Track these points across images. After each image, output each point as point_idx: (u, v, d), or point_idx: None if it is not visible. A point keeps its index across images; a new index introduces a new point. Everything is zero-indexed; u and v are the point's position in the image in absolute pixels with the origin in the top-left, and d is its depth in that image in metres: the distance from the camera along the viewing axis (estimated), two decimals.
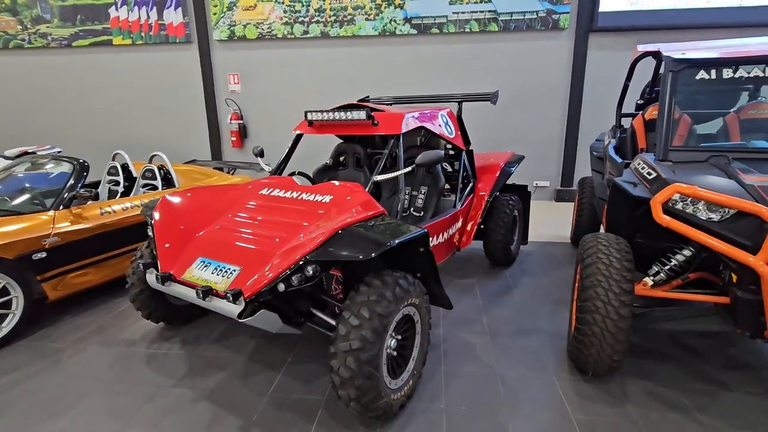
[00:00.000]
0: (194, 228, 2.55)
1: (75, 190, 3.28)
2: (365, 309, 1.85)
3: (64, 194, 3.24)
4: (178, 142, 7.75)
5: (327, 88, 7.17)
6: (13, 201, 3.24)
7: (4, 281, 2.77)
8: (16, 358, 2.66)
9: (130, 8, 7.27)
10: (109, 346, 2.79)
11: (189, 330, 2.97)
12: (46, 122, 8.02)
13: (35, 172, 3.60)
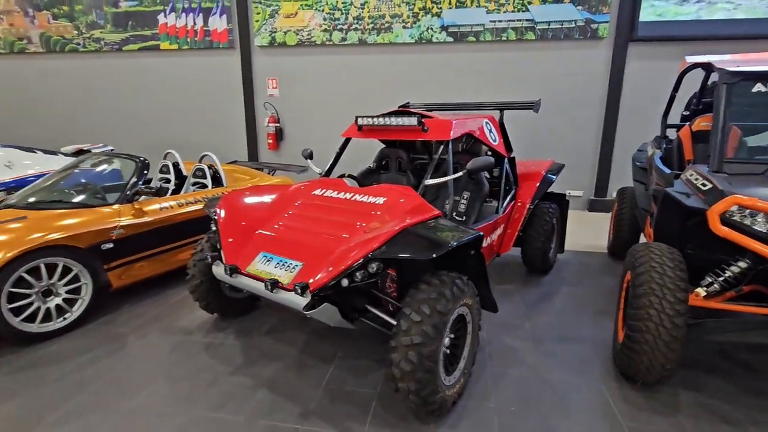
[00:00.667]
0: (254, 224, 2.70)
1: (138, 186, 3.50)
2: (426, 306, 1.94)
3: (128, 190, 3.45)
4: (218, 143, 8.05)
5: (363, 94, 7.33)
6: (82, 195, 3.48)
7: (76, 269, 2.99)
8: (86, 340, 2.86)
9: (178, 15, 7.63)
10: (168, 333, 2.96)
11: (241, 322, 3.12)
12: (97, 121, 8.47)
13: (99, 168, 3.86)
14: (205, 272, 2.89)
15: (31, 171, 4.94)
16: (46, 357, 2.66)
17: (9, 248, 2.65)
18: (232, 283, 2.40)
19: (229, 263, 2.44)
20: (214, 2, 7.49)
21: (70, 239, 2.93)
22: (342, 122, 7.46)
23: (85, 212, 3.17)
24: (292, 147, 7.85)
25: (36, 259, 2.76)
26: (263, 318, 3.18)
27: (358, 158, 5.95)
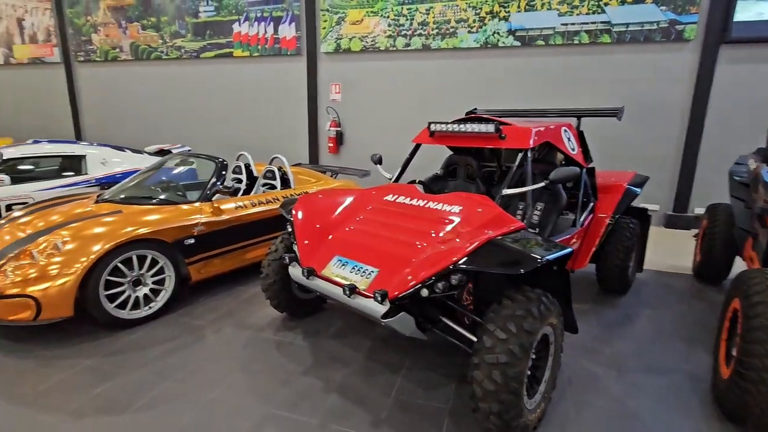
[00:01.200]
0: (328, 227, 2.74)
1: (217, 186, 3.69)
2: (512, 323, 1.84)
3: (208, 189, 3.65)
4: (282, 146, 8.37)
5: (424, 100, 7.30)
6: (168, 193, 3.72)
7: (162, 261, 3.20)
8: (167, 329, 3.04)
9: (251, 24, 8.05)
10: (241, 329, 3.07)
11: (309, 323, 3.17)
12: (176, 123, 9.14)
13: (183, 168, 4.12)
14: (279, 272, 2.97)
15: (119, 168, 5.39)
16: (134, 343, 2.85)
17: (108, 239, 2.88)
18: (308, 286, 2.44)
19: (305, 265, 2.48)
20: (284, 11, 7.82)
21: (158, 233, 3.14)
22: (403, 127, 7.47)
23: (171, 209, 3.38)
24: (352, 151, 7.97)
25: (129, 251, 2.98)
26: (329, 320, 3.21)
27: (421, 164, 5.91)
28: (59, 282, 2.71)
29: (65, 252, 2.78)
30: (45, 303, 2.69)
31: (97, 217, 3.13)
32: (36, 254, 2.79)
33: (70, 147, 5.16)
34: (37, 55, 9.98)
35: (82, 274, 2.76)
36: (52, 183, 4.80)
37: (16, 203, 4.52)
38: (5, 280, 2.71)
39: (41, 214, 3.36)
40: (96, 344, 2.83)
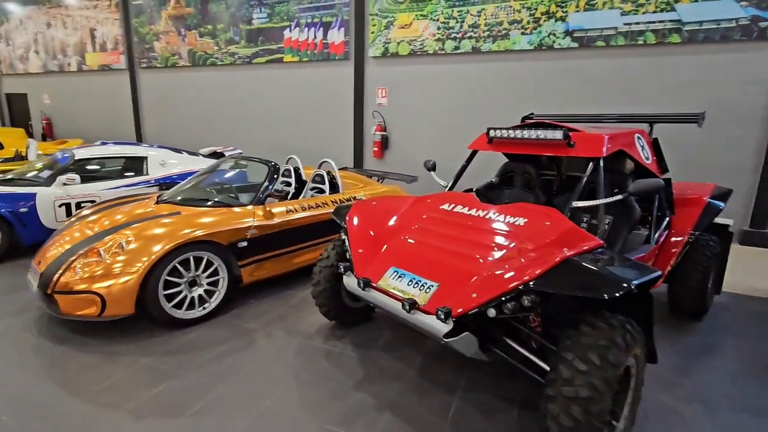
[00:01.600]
0: (382, 236, 2.65)
1: (269, 189, 3.72)
2: (594, 354, 1.66)
3: (261, 192, 3.68)
4: (327, 149, 8.46)
5: (473, 104, 7.10)
6: (223, 195, 3.80)
7: (217, 263, 3.24)
8: (220, 331, 3.07)
9: (302, 29, 8.20)
10: (291, 335, 3.05)
11: (357, 333, 3.09)
12: (229, 126, 9.49)
13: (236, 171, 4.20)
14: (330, 279, 2.92)
15: (177, 169, 5.61)
16: (190, 344, 2.90)
17: (168, 240, 2.95)
18: (364, 297, 2.36)
19: (360, 276, 2.40)
20: (334, 17, 7.90)
21: (214, 236, 3.18)
22: (450, 132, 7.31)
23: (226, 212, 3.43)
24: (397, 155, 7.90)
25: (187, 252, 3.04)
26: (378, 331, 3.12)
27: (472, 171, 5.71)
28: (123, 280, 2.80)
29: (129, 251, 2.87)
30: (109, 300, 2.79)
31: (158, 218, 3.22)
32: (103, 252, 2.91)
33: (133, 149, 5.43)
34: (105, 63, 10.71)
35: (144, 273, 2.84)
36: (116, 182, 5.07)
37: (85, 201, 4.80)
38: (74, 276, 2.84)
39: (107, 213, 3.52)
40: (153, 342, 2.89)
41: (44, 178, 4.70)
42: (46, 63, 11.96)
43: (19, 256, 4.51)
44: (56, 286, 2.83)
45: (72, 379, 2.49)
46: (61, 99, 12.15)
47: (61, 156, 5.01)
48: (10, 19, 12.34)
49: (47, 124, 12.41)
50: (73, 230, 3.33)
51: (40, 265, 3.04)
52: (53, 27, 11.42)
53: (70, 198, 4.70)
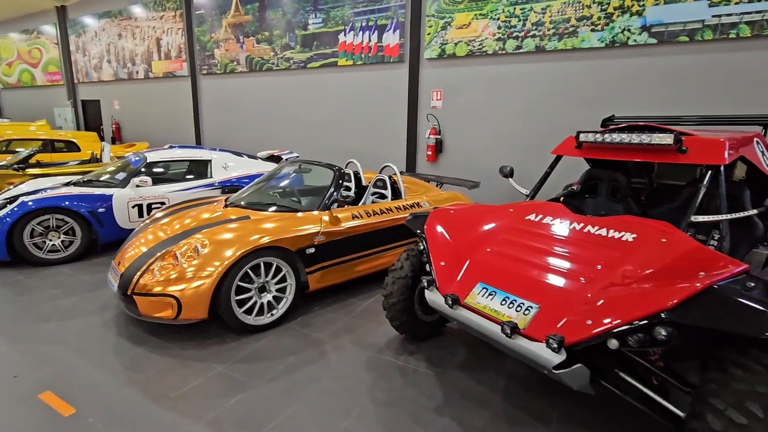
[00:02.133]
0: (465, 248, 2.46)
1: (336, 194, 3.64)
2: (755, 404, 1.38)
3: (328, 197, 3.61)
4: (379, 152, 8.37)
5: (534, 106, 6.73)
6: (289, 200, 3.76)
7: (285, 269, 3.19)
8: (290, 340, 3.00)
9: (356, 33, 8.19)
10: (361, 347, 2.93)
11: (429, 348, 2.92)
12: (284, 130, 9.67)
13: (300, 175, 4.17)
14: (403, 291, 2.76)
15: (238, 173, 5.71)
16: (261, 352, 2.85)
17: (241, 245, 2.93)
18: (451, 316, 2.18)
19: (446, 292, 2.23)
20: (389, 19, 7.81)
21: (283, 241, 3.13)
22: (509, 136, 6.98)
23: (294, 217, 3.38)
24: (451, 159, 7.67)
25: (258, 258, 3.01)
26: (451, 347, 2.93)
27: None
28: (198, 284, 2.80)
29: (204, 255, 2.87)
30: (185, 303, 2.80)
31: (229, 222, 3.22)
32: (179, 256, 2.93)
33: (198, 152, 5.59)
34: (169, 70, 11.29)
35: (218, 277, 2.82)
36: (183, 185, 5.23)
37: (155, 202, 4.98)
38: (152, 278, 2.88)
39: (179, 216, 3.58)
40: (225, 349, 2.87)
41: (119, 180, 4.92)
42: (117, 71, 12.82)
43: (96, 254, 4.74)
44: (135, 287, 2.88)
45: (151, 382, 2.50)
46: (130, 104, 12.96)
47: (134, 159, 5.24)
48: (87, 32, 13.35)
49: (116, 128, 13.29)
50: (148, 232, 3.41)
51: (120, 266, 3.12)
52: (124, 37, 12.21)
53: (142, 199, 4.89)
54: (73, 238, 4.50)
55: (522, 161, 6.88)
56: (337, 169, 3.82)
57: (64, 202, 4.40)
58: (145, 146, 9.90)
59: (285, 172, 4.29)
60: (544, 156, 6.69)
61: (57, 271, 4.21)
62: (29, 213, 4.19)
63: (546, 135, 6.68)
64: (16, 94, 17.13)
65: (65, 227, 4.44)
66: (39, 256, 4.32)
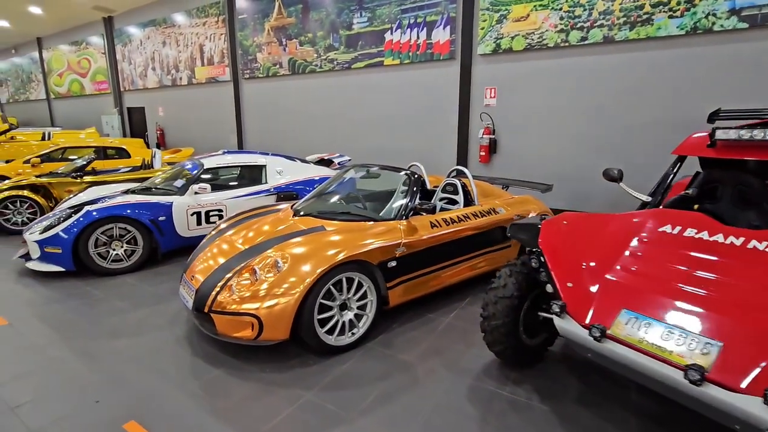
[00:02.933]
0: (591, 266, 2.11)
1: (415, 201, 3.36)
2: None
3: (407, 205, 3.33)
4: (428, 154, 8.06)
5: (602, 102, 6.23)
6: (363, 209, 3.51)
7: (366, 285, 2.93)
8: (375, 363, 2.74)
9: (404, 31, 7.91)
10: (455, 373, 2.62)
11: (535, 377, 2.58)
12: (328, 133, 9.52)
13: (369, 180, 3.92)
14: (508, 313, 2.44)
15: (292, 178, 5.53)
16: (348, 377, 2.59)
17: (325, 260, 2.68)
18: (595, 350, 1.84)
19: (581, 319, 1.89)
20: (439, 15, 7.49)
21: (366, 254, 2.87)
22: (572, 135, 6.50)
23: (374, 227, 3.12)
24: (505, 161, 7.26)
25: (341, 273, 2.76)
26: (560, 377, 2.58)
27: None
28: (281, 302, 2.57)
29: (285, 271, 2.64)
30: (267, 323, 2.58)
31: (305, 234, 2.99)
32: (258, 271, 2.72)
33: (252, 157, 5.45)
34: (212, 75, 11.40)
35: (302, 295, 2.59)
36: (240, 191, 5.09)
37: (213, 210, 4.86)
38: (231, 295, 2.68)
39: (247, 227, 3.39)
40: (309, 373, 2.63)
41: (178, 187, 4.82)
42: (161, 78, 13.09)
43: (157, 263, 4.66)
44: (213, 304, 2.69)
45: (238, 412, 2.28)
46: (173, 111, 13.21)
47: (190, 165, 5.15)
48: (132, 41, 13.72)
49: (161, 134, 13.58)
50: (219, 244, 3.23)
51: (193, 281, 2.94)
52: (167, 45, 12.44)
53: (201, 207, 4.78)
54: (135, 248, 4.42)
55: (588, 163, 6.40)
56: (413, 175, 3.54)
57: (126, 210, 4.33)
58: (190, 152, 9.99)
59: (350, 177, 4.05)
60: (616, 156, 6.17)
61: (121, 282, 4.13)
62: (94, 222, 4.14)
63: (616, 134, 6.17)
64: (66, 103, 17.91)
65: (128, 236, 4.37)
66: (103, 266, 4.26)
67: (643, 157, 5.98)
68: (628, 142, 6.09)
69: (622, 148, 6.14)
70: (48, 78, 18.19)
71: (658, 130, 5.86)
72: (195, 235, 4.79)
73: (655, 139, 5.89)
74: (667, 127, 5.80)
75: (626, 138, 6.09)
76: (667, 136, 5.81)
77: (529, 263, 2.52)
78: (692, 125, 5.63)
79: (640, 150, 6.01)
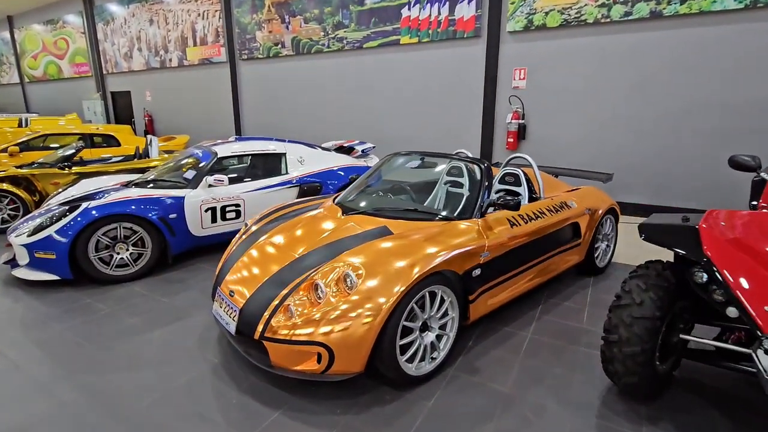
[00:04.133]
0: None
1: (491, 196, 2.82)
2: None
3: (484, 200, 2.80)
4: (450, 140, 7.51)
5: (645, 82, 5.75)
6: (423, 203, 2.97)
7: (449, 299, 2.40)
8: (467, 398, 2.22)
9: (422, 6, 7.26)
10: (570, 409, 2.13)
11: (667, 409, 2.11)
12: (336, 118, 8.84)
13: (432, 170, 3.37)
14: (648, 338, 1.95)
15: (311, 168, 4.93)
16: (440, 418, 2.07)
17: (408, 274, 2.13)
18: None
19: None
20: None
21: (453, 263, 2.34)
22: (612, 120, 6.01)
23: (451, 228, 2.58)
24: (536, 147, 6.76)
25: (425, 287, 2.22)
26: (692, 406, 2.11)
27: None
28: (358, 326, 2.02)
29: (361, 288, 2.09)
30: (339, 353, 2.03)
31: (377, 239, 2.43)
32: (323, 287, 2.16)
33: (270, 144, 4.82)
34: (206, 56, 10.54)
35: (385, 317, 2.05)
36: (259, 183, 4.47)
37: (230, 205, 4.24)
38: (290, 318, 2.12)
39: (289, 229, 2.81)
40: (389, 413, 2.10)
41: (189, 179, 4.18)
42: (148, 60, 12.13)
43: (167, 267, 4.04)
44: (265, 330, 2.13)
45: None
46: (163, 95, 12.29)
47: (200, 154, 4.50)
48: (115, 19, 12.66)
49: (149, 120, 12.66)
50: (259, 251, 2.65)
51: (234, 297, 2.36)
52: (155, 23, 11.48)
53: (216, 201, 4.16)
54: (142, 250, 3.79)
55: (632, 150, 5.94)
56: (483, 163, 3.00)
57: (131, 207, 3.68)
58: (185, 139, 9.22)
59: (397, 165, 3.48)
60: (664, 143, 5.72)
61: (129, 292, 3.51)
62: (94, 222, 3.49)
63: (663, 118, 5.71)
64: (42, 87, 16.67)
65: (133, 237, 3.73)
66: (106, 273, 3.63)
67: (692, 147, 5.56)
68: (680, 127, 5.63)
69: (673, 132, 5.69)
70: (21, 60, 16.88)
71: (709, 114, 5.43)
72: (209, 233, 4.18)
73: (704, 123, 5.46)
74: (722, 110, 5.36)
75: (678, 122, 5.64)
76: (721, 121, 5.37)
77: (669, 274, 2.03)
78: (747, 109, 5.20)
79: (688, 136, 5.58)
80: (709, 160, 5.50)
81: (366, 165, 5.36)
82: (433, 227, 2.56)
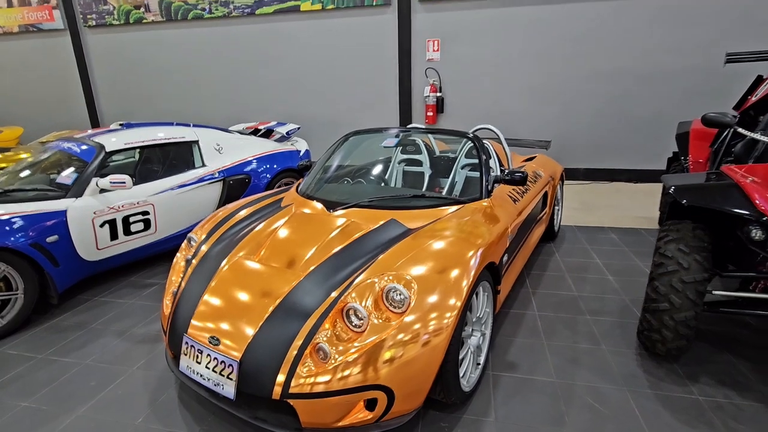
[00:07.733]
0: None
1: (497, 173, 2.56)
2: None
3: (491, 176, 2.51)
4: (363, 117, 7.07)
5: (555, 53, 6.10)
6: (424, 186, 2.57)
7: (485, 293, 2.08)
8: (525, 405, 1.96)
9: None
10: (626, 388, 2.04)
11: (706, 370, 2.17)
12: (225, 98, 7.55)
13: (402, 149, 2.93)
14: (698, 300, 1.93)
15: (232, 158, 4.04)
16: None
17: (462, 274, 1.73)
18: None
19: None
20: None
21: (492, 254, 2.01)
22: (525, 88, 6.28)
23: (471, 211, 2.24)
24: (454, 121, 6.79)
25: (474, 289, 1.85)
26: (721, 362, 2.23)
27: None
28: (421, 352, 1.57)
29: (418, 305, 1.62)
30: (400, 392, 1.56)
31: (401, 240, 1.95)
32: (361, 311, 1.62)
33: (176, 130, 3.77)
34: (30, 21, 7.98)
35: (451, 333, 1.63)
36: (170, 181, 3.47)
37: (134, 214, 3.20)
38: (324, 362, 1.55)
39: (267, 241, 2.12)
40: None
41: (67, 184, 3.00)
42: None
43: (51, 311, 2.87)
44: (291, 384, 1.52)
45: None
46: None
47: (77, 149, 3.27)
48: None
49: None
50: (234, 275, 1.93)
51: (223, 347, 1.66)
52: None
53: (115, 211, 3.09)
54: (9, 295, 2.60)
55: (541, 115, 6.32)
56: (476, 139, 2.71)
57: None
58: (18, 132, 7.01)
59: (364, 145, 2.98)
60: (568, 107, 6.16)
61: (1, 357, 2.37)
62: None
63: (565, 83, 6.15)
64: None
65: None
66: None
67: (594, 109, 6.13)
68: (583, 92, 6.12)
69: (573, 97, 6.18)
70: None
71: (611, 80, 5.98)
72: (109, 255, 3.12)
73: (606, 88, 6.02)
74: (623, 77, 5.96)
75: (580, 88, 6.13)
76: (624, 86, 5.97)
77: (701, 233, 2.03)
78: (633, 74, 5.91)
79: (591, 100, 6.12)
80: (610, 122, 6.09)
81: (295, 149, 4.65)
82: (451, 216, 2.19)
